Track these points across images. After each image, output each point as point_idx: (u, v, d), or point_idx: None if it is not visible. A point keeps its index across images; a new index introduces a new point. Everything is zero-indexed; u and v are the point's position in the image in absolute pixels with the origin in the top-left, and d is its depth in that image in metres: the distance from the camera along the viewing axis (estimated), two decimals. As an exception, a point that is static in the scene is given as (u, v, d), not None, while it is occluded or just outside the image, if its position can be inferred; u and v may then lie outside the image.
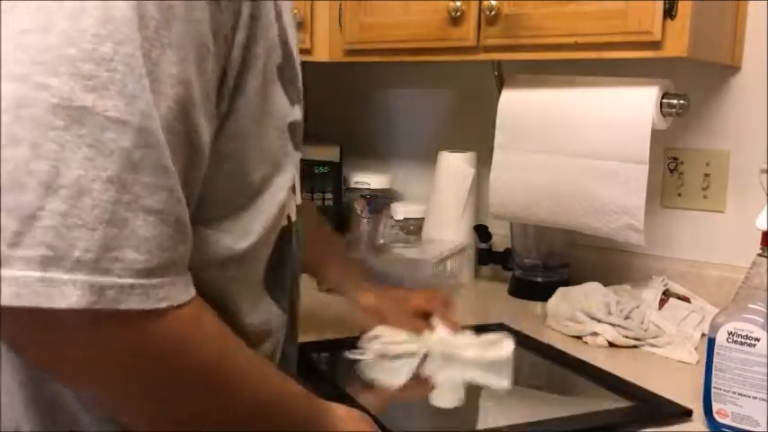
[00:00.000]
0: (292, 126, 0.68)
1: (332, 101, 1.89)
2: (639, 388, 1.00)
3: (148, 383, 0.52)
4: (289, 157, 0.68)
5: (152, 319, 0.49)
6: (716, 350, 0.86)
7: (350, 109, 1.88)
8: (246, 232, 0.63)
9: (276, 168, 0.65)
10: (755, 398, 0.84)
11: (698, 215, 1.40)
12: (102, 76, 0.46)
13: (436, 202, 1.57)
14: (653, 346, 1.17)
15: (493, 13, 1.25)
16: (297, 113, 0.69)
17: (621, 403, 0.97)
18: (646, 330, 1.19)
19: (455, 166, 1.55)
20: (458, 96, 1.69)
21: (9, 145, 0.45)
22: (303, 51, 1.51)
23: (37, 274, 0.44)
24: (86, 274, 0.45)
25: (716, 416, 0.87)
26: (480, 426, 0.93)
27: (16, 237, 0.44)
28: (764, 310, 0.84)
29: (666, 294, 1.31)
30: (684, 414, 0.92)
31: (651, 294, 1.30)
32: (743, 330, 0.84)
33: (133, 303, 0.47)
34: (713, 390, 0.87)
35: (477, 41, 1.30)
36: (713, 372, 0.87)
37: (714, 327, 0.87)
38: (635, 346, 1.17)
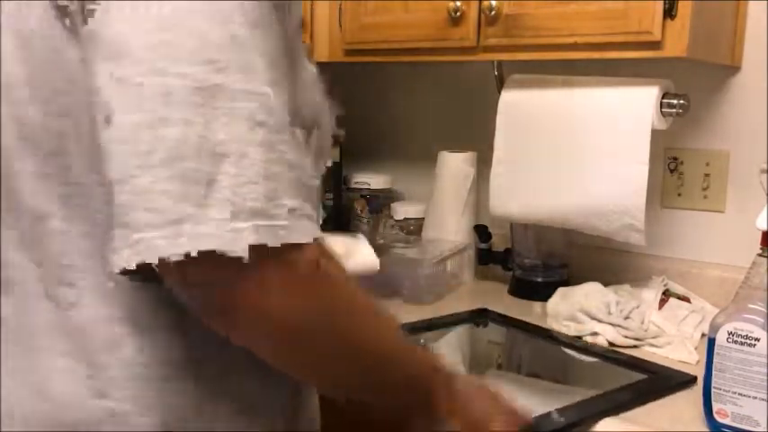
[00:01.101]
0: None
1: (332, 101, 1.89)
2: (645, 361, 1.09)
3: (307, 307, 0.59)
4: None
5: (307, 250, 0.57)
6: (716, 350, 0.86)
7: (350, 109, 1.87)
8: None
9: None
10: (755, 398, 0.84)
11: (698, 215, 1.40)
12: (223, 59, 0.54)
13: (436, 202, 1.57)
14: (653, 346, 1.17)
15: (493, 13, 1.26)
16: None
17: (636, 377, 1.06)
18: (646, 330, 1.19)
19: (455, 166, 1.55)
20: (458, 96, 1.69)
21: (177, 124, 0.53)
22: (303, 51, 1.52)
23: (228, 225, 0.53)
24: (260, 220, 0.54)
25: (716, 416, 0.87)
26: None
27: (204, 199, 0.53)
28: (764, 310, 0.84)
29: (666, 294, 1.31)
30: (690, 381, 1.02)
31: (651, 294, 1.30)
32: (743, 330, 0.84)
33: (296, 237, 0.56)
34: (713, 390, 0.87)
35: (477, 41, 1.30)
36: (713, 372, 0.87)
37: (714, 327, 0.87)
38: (635, 346, 1.17)
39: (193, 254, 0.52)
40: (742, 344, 0.84)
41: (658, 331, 1.19)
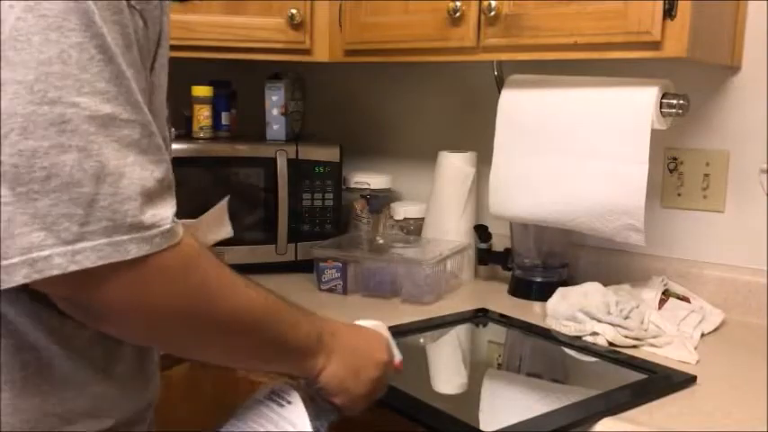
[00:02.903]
0: None
1: (332, 101, 1.89)
2: (645, 361, 1.10)
3: (181, 291, 0.68)
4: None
5: (181, 246, 0.67)
6: None
7: (350, 109, 1.88)
8: None
9: None
10: None
11: (698, 215, 1.40)
12: (119, 91, 0.63)
13: (436, 202, 1.57)
14: (653, 345, 1.16)
15: (493, 13, 1.26)
16: None
17: (636, 377, 1.06)
18: (645, 330, 1.19)
19: (455, 166, 1.55)
20: (458, 96, 1.69)
21: (61, 152, 0.60)
22: (303, 51, 1.52)
23: (105, 240, 0.61)
24: (138, 232, 0.63)
25: None
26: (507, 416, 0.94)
27: (84, 218, 0.61)
28: None
29: (666, 294, 1.32)
30: (690, 381, 1.03)
31: (651, 294, 1.30)
32: None
33: (174, 239, 0.66)
34: None
35: (477, 41, 1.30)
36: None
37: None
38: (635, 346, 1.17)
39: (88, 267, 0.61)
40: None
41: (658, 331, 1.19)
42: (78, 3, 0.61)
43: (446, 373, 1.23)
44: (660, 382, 1.03)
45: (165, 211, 0.65)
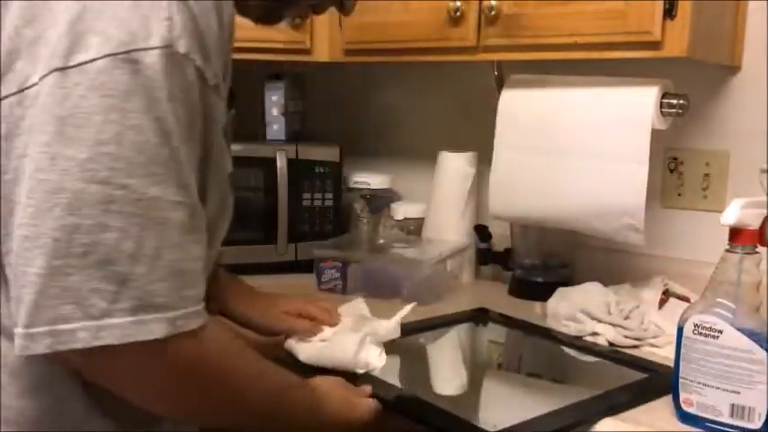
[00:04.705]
0: None
1: (332, 101, 1.89)
2: (646, 360, 1.10)
3: (192, 378, 0.69)
4: None
5: (204, 330, 0.67)
6: (683, 342, 0.90)
7: (350, 109, 1.88)
8: None
9: None
10: (718, 388, 0.87)
11: (698, 215, 1.40)
12: (171, 174, 0.63)
13: (436, 202, 1.57)
14: (653, 345, 1.16)
15: (493, 13, 1.26)
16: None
17: (636, 376, 1.06)
18: (646, 330, 1.19)
19: (455, 166, 1.55)
20: (458, 96, 1.69)
21: (102, 231, 0.61)
22: (303, 51, 1.52)
23: (130, 318, 0.62)
24: (163, 312, 0.63)
25: (682, 405, 0.90)
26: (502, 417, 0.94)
27: (114, 295, 0.61)
28: (729, 303, 0.87)
29: (666, 294, 1.31)
30: None
31: (651, 294, 1.30)
32: (707, 323, 0.88)
33: (196, 323, 0.66)
34: (680, 379, 0.90)
35: (477, 41, 1.30)
36: (680, 363, 0.90)
37: (682, 319, 0.91)
38: (635, 346, 1.17)
39: (110, 343, 0.61)
40: (706, 335, 0.88)
41: (658, 331, 1.19)
42: (145, 82, 0.61)
43: (446, 372, 1.23)
44: (661, 381, 1.03)
45: (193, 293, 0.66)
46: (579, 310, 1.23)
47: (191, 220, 0.65)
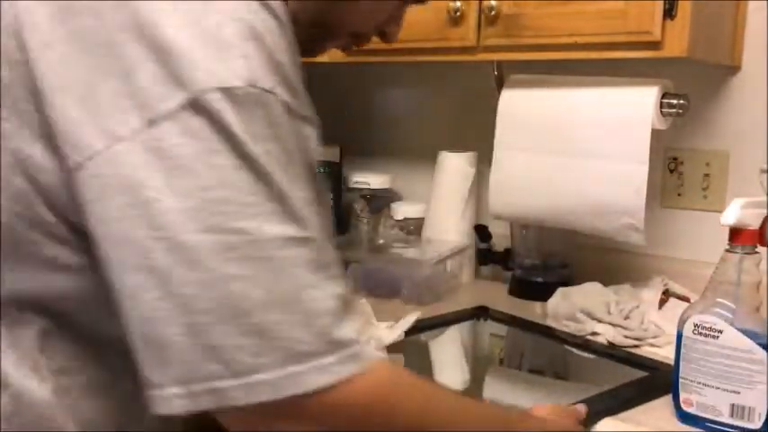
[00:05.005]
0: None
1: (332, 101, 1.89)
2: (647, 358, 1.10)
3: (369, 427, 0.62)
4: None
5: (371, 373, 0.61)
6: (683, 342, 0.90)
7: (350, 109, 1.88)
8: None
9: None
10: (717, 388, 0.87)
11: (698, 215, 1.40)
12: (283, 210, 0.58)
13: (436, 202, 1.57)
14: (653, 345, 1.17)
15: (493, 13, 1.26)
16: None
17: (637, 374, 1.06)
18: (646, 330, 1.19)
19: (455, 166, 1.55)
20: (458, 96, 1.69)
21: (228, 281, 0.56)
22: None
23: (280, 371, 0.57)
24: (315, 359, 0.57)
25: (682, 405, 0.90)
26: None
27: (257, 348, 0.56)
28: (729, 303, 0.87)
29: (666, 294, 1.31)
30: None
31: (651, 294, 1.30)
32: (707, 323, 0.88)
33: (358, 365, 0.59)
34: (680, 380, 0.90)
35: (477, 41, 1.30)
36: (680, 362, 0.90)
37: (682, 319, 0.91)
38: (635, 346, 1.17)
39: (265, 400, 0.57)
40: (706, 336, 0.88)
41: (658, 331, 1.19)
42: (233, 121, 0.58)
43: (448, 369, 1.23)
44: (661, 380, 1.03)
45: (345, 333, 0.60)
46: (579, 310, 1.23)
47: (318, 254, 0.60)
